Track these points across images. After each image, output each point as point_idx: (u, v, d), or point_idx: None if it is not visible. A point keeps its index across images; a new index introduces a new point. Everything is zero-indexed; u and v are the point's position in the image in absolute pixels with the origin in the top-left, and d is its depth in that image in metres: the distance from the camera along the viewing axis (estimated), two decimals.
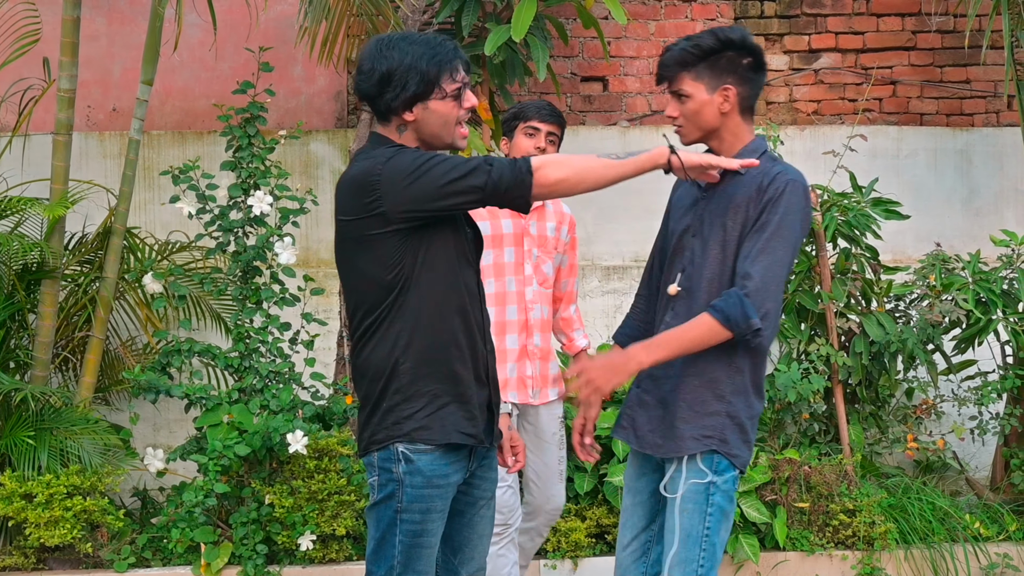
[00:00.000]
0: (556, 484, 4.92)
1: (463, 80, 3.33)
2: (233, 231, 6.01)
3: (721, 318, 3.32)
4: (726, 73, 3.49)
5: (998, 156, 7.52)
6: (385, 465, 3.30)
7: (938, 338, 6.32)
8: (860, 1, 7.63)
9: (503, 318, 4.72)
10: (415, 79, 3.25)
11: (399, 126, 3.34)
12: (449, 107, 3.31)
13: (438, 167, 3.21)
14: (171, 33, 6.09)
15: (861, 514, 5.94)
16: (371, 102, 3.34)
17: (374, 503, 3.34)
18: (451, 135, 3.37)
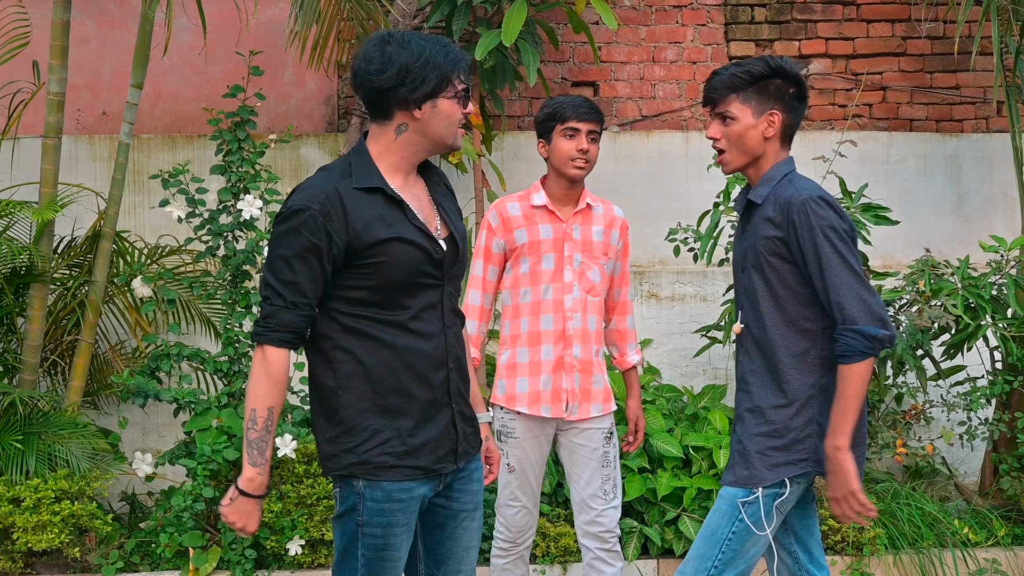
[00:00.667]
0: (601, 504, 4.60)
1: (468, 82, 3.30)
2: (223, 235, 6.00)
3: (857, 358, 3.42)
4: (774, 100, 3.59)
5: (987, 162, 7.53)
6: (346, 480, 3.27)
7: (927, 344, 6.33)
8: (850, 7, 7.64)
9: (537, 328, 4.57)
10: (433, 74, 3.18)
11: (400, 124, 3.24)
12: (455, 107, 3.26)
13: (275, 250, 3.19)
14: (161, 37, 6.08)
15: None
16: (382, 96, 3.21)
17: (338, 514, 3.31)
18: (453, 135, 3.30)
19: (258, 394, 3.17)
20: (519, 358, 4.60)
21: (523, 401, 4.58)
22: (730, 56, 7.58)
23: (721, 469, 5.97)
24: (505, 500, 4.66)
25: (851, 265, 3.43)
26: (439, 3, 6.52)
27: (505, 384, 4.62)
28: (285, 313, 3.14)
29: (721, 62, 7.54)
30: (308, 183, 3.23)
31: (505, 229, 4.64)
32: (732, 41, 7.57)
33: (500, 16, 6.49)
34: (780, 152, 3.64)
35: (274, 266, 3.15)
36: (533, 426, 4.60)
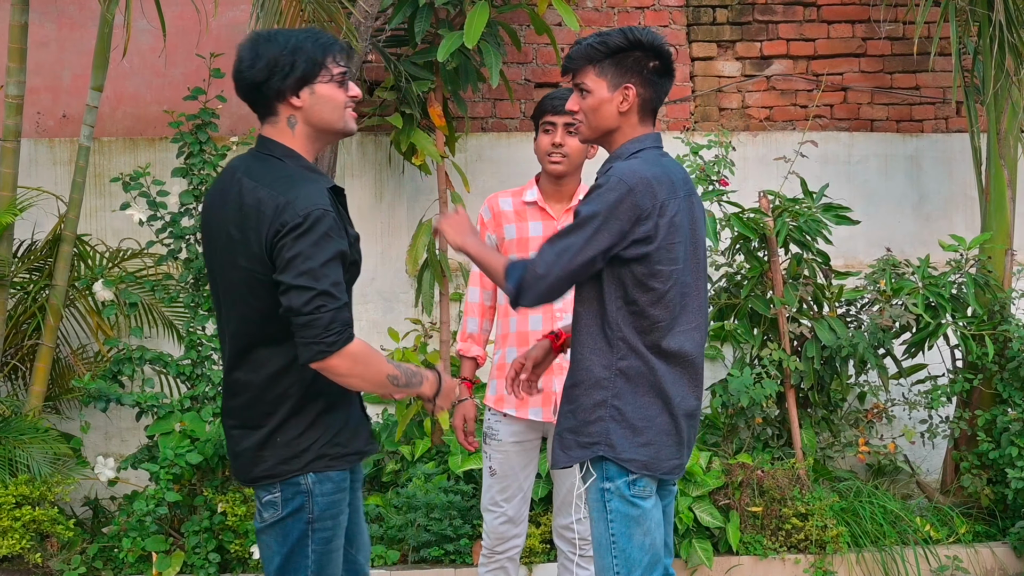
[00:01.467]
0: (582, 509, 4.38)
1: (347, 65, 3.35)
2: (185, 238, 5.98)
3: (507, 270, 3.40)
4: (631, 73, 3.45)
5: (947, 162, 7.59)
6: (289, 480, 3.28)
7: (889, 342, 6.37)
8: (811, 8, 7.68)
9: (525, 328, 4.48)
10: (302, 59, 3.24)
11: (288, 117, 3.28)
12: (336, 90, 3.30)
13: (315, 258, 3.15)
14: (121, 39, 6.05)
15: (813, 518, 5.98)
16: (257, 91, 3.27)
17: (278, 519, 3.29)
18: (342, 119, 3.34)
19: (377, 372, 3.25)
20: (508, 359, 4.50)
21: (511, 402, 4.49)
22: (692, 57, 7.61)
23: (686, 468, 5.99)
24: (486, 504, 4.59)
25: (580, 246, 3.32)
26: (401, 5, 6.52)
27: (495, 385, 4.54)
28: (342, 313, 3.16)
29: (684, 64, 7.57)
30: (301, 188, 3.20)
31: (496, 224, 4.58)
32: (694, 42, 7.60)
33: (462, 18, 6.49)
34: (639, 127, 3.49)
35: (319, 273, 3.12)
36: (519, 431, 4.52)
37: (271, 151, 3.31)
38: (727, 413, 6.39)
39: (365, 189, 7.14)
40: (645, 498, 3.44)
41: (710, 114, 7.60)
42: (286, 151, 3.30)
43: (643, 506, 3.43)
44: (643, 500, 3.43)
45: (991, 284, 6.44)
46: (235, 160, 3.40)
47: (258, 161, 3.31)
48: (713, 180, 6.28)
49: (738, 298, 6.48)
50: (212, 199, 3.39)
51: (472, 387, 4.63)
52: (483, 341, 4.64)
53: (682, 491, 5.95)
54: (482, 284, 4.61)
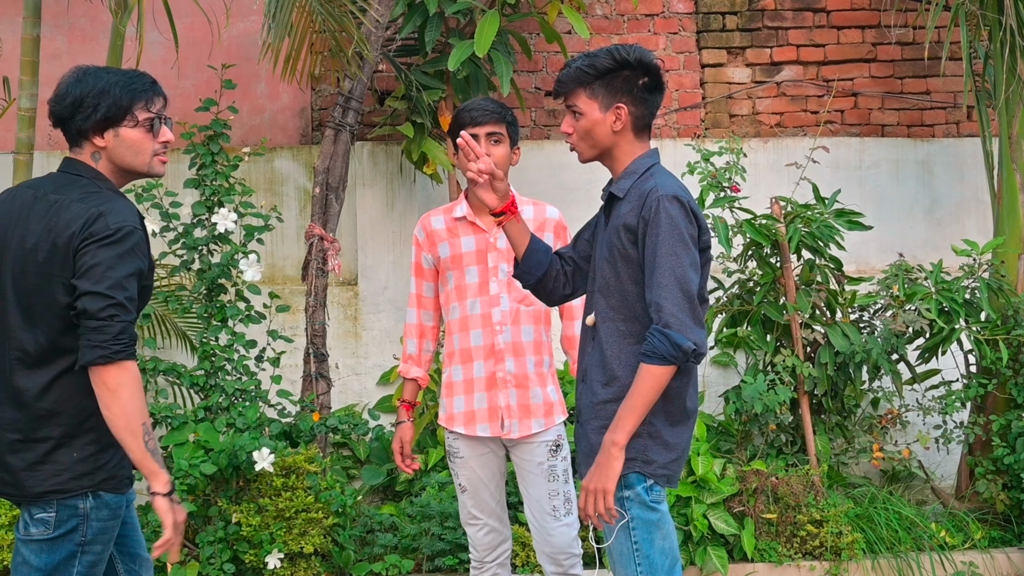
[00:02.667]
0: (550, 522, 4.39)
1: (158, 111, 3.39)
2: (197, 249, 5.99)
3: (658, 361, 3.32)
4: (621, 92, 3.49)
5: (959, 166, 7.58)
6: (68, 502, 3.25)
7: (902, 348, 6.36)
8: (820, 14, 7.68)
9: (467, 344, 4.39)
10: (106, 103, 3.31)
11: (93, 152, 3.36)
12: (141, 135, 3.36)
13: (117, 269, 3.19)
14: (132, 51, 6.06)
15: (828, 524, 5.96)
16: (63, 125, 3.38)
17: (49, 538, 3.25)
18: (145, 164, 3.39)
19: (141, 406, 3.20)
20: (454, 376, 4.44)
21: (460, 421, 4.41)
22: (702, 64, 7.61)
23: (699, 476, 5.99)
24: (465, 519, 4.52)
25: (682, 272, 3.33)
26: (411, 14, 6.53)
27: (444, 404, 4.47)
28: (131, 328, 3.20)
29: (694, 70, 7.58)
30: (114, 203, 3.27)
31: (430, 243, 4.47)
32: (704, 49, 7.61)
33: (473, 27, 6.50)
34: (636, 144, 3.54)
35: (118, 283, 3.18)
36: (476, 444, 4.43)
37: (79, 171, 3.38)
38: (741, 420, 6.38)
39: (376, 198, 7.15)
40: (662, 502, 3.48)
41: (721, 120, 7.60)
42: (95, 173, 3.37)
43: (661, 510, 3.47)
44: (660, 504, 3.47)
45: (1004, 288, 6.42)
46: (32, 180, 3.52)
47: (65, 179, 3.37)
48: (725, 186, 6.28)
49: (751, 304, 6.47)
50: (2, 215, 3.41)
51: (411, 409, 4.56)
52: (424, 361, 4.56)
53: (696, 498, 5.94)
54: (419, 305, 4.55)
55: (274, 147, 7.15)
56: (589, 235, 3.75)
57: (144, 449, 3.18)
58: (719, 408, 6.76)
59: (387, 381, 6.88)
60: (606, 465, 3.37)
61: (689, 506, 5.93)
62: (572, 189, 6.92)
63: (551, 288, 3.80)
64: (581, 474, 3.61)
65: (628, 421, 3.36)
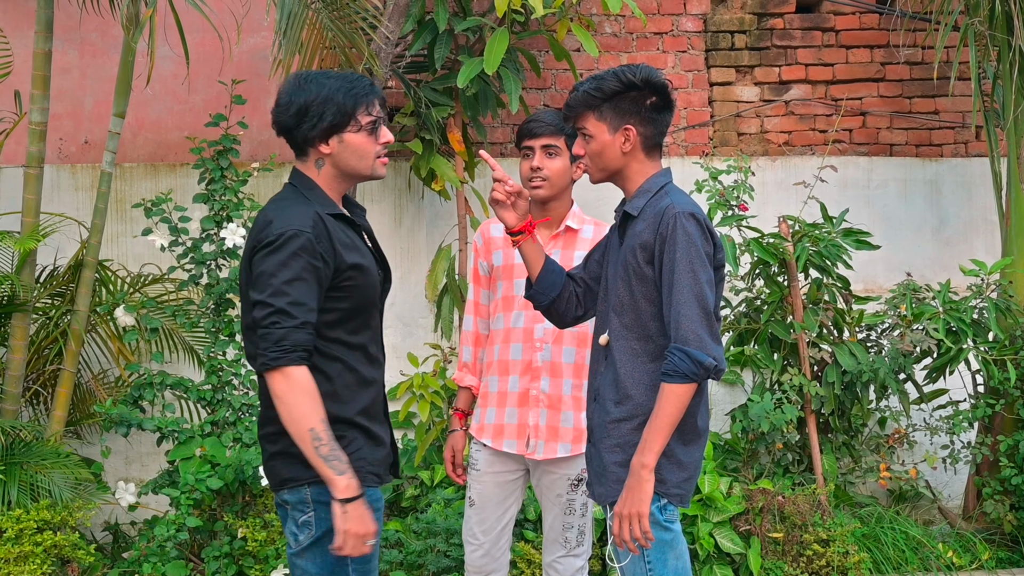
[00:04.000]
0: (557, 548, 4.40)
1: (378, 115, 3.40)
2: (206, 263, 6.00)
3: (680, 379, 3.33)
4: (629, 114, 3.51)
5: (967, 186, 7.58)
6: (321, 499, 3.26)
7: (909, 367, 6.36)
8: (829, 33, 7.69)
9: (506, 356, 4.37)
10: (331, 110, 3.32)
11: (317, 160, 3.39)
12: (364, 140, 3.38)
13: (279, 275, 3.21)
14: (143, 66, 6.09)
15: (835, 544, 5.95)
16: (288, 135, 3.40)
17: (313, 541, 3.28)
18: (369, 167, 3.42)
19: (307, 412, 3.17)
20: (490, 387, 4.43)
21: (488, 433, 4.39)
22: (711, 82, 7.62)
23: (706, 494, 5.98)
24: (465, 535, 4.50)
25: (699, 289, 3.35)
26: (421, 31, 6.55)
27: (478, 413, 4.46)
28: (296, 333, 3.18)
29: (702, 88, 7.59)
30: (287, 210, 3.30)
31: (486, 251, 4.50)
32: (713, 67, 7.62)
33: (482, 44, 6.52)
34: (647, 163, 3.56)
35: (278, 289, 3.19)
36: (496, 462, 4.40)
37: (294, 181, 3.43)
38: (747, 438, 6.38)
39: (385, 214, 7.16)
40: (675, 521, 3.49)
41: (729, 139, 7.61)
42: (304, 181, 3.41)
43: (675, 530, 3.48)
44: (674, 524, 3.48)
45: (1012, 309, 6.42)
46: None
47: (283, 190, 3.45)
48: (732, 205, 6.28)
49: (758, 323, 6.47)
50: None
51: (464, 417, 4.54)
52: (478, 370, 4.53)
53: (703, 516, 5.93)
54: (476, 312, 4.54)
55: (283, 162, 7.16)
56: (599, 256, 3.76)
57: (315, 454, 3.16)
58: (726, 426, 6.76)
59: (394, 397, 6.87)
60: (638, 489, 3.37)
61: (695, 524, 5.92)
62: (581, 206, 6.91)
63: (563, 310, 3.80)
64: (592, 494, 3.61)
65: (655, 442, 3.36)
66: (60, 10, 6.18)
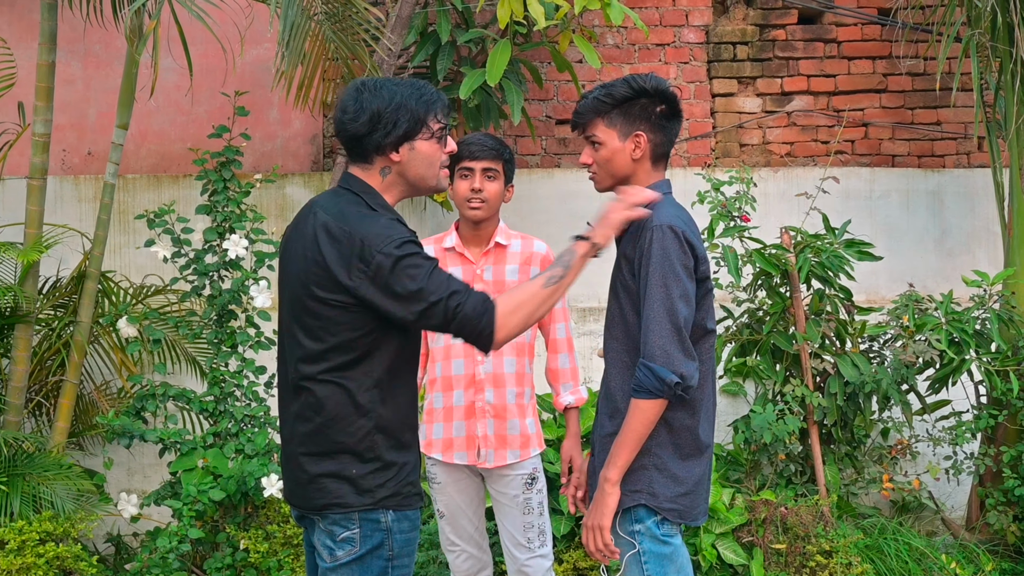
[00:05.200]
0: (522, 551, 4.50)
1: (446, 121, 3.37)
2: (208, 275, 6.00)
3: (644, 395, 3.32)
4: (639, 120, 3.51)
5: (969, 197, 7.58)
6: (369, 518, 3.24)
7: (912, 378, 6.35)
8: (831, 44, 7.71)
9: (449, 372, 4.46)
10: (405, 117, 3.26)
11: (383, 168, 3.31)
12: (434, 148, 3.33)
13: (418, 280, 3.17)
14: (147, 78, 6.10)
15: (838, 555, 5.93)
16: (358, 143, 3.30)
17: (357, 556, 3.25)
18: (435, 177, 3.37)
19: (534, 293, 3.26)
20: (435, 403, 4.51)
21: (438, 447, 4.49)
22: (713, 94, 7.63)
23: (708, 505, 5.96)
24: (445, 545, 4.60)
25: (671, 304, 3.32)
26: (423, 43, 6.57)
27: (424, 430, 4.50)
28: (471, 296, 3.19)
29: (705, 100, 7.60)
30: (381, 220, 3.23)
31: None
32: (715, 79, 7.63)
33: (484, 56, 6.53)
34: (652, 173, 3.55)
35: (441, 280, 3.18)
36: (454, 470, 4.51)
37: (351, 187, 3.33)
38: (750, 449, 6.37)
39: None
40: (675, 535, 3.48)
41: (731, 150, 7.61)
42: (367, 189, 3.32)
43: (674, 543, 3.47)
44: (672, 538, 3.47)
45: (1015, 319, 6.41)
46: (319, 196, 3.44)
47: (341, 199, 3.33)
48: (734, 216, 6.28)
49: (760, 334, 6.47)
50: (290, 234, 3.43)
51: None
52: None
53: (705, 528, 5.92)
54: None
55: (286, 174, 7.18)
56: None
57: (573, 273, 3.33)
58: (728, 437, 6.75)
59: None
60: (600, 502, 3.40)
61: (698, 536, 5.91)
62: (582, 217, 6.90)
63: None
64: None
65: (619, 457, 3.36)
66: (64, 22, 6.20)
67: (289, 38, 5.60)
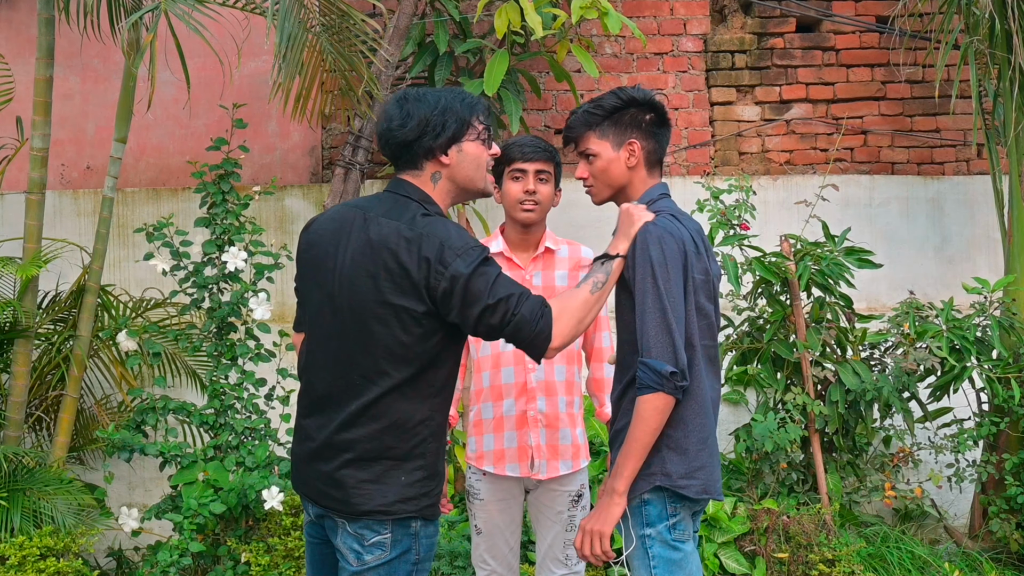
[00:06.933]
0: (559, 567, 4.42)
1: (488, 123, 3.42)
2: (208, 287, 6.00)
3: (646, 391, 3.33)
4: (630, 129, 3.56)
5: (969, 204, 7.58)
6: (402, 522, 3.29)
7: (913, 386, 6.34)
8: (830, 52, 7.71)
9: (498, 382, 4.36)
10: (452, 119, 3.33)
11: (433, 173, 3.36)
12: (480, 148, 3.39)
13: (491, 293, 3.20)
14: (145, 91, 6.11)
15: (840, 564, 5.92)
16: (407, 149, 3.34)
17: (385, 561, 3.29)
18: (483, 179, 3.42)
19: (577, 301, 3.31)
20: (484, 414, 4.42)
21: (489, 460, 4.39)
22: (712, 102, 7.63)
23: (711, 514, 5.96)
24: (475, 561, 4.51)
25: (661, 303, 3.34)
26: (421, 54, 6.57)
27: (473, 442, 4.45)
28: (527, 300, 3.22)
29: (703, 108, 7.60)
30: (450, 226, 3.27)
31: None
32: (713, 87, 7.63)
33: (482, 66, 6.54)
34: (648, 180, 3.59)
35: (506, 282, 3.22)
36: (498, 488, 4.42)
37: (408, 193, 3.35)
38: (751, 458, 6.36)
39: None
40: (685, 541, 3.48)
41: (730, 158, 7.61)
42: (424, 196, 3.35)
43: (684, 549, 3.46)
44: (683, 543, 3.46)
45: (1016, 326, 6.40)
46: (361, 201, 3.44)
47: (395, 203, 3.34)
48: (734, 224, 6.28)
49: (761, 342, 6.46)
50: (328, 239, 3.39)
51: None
52: (456, 401, 4.51)
53: (707, 537, 5.91)
54: None
55: (284, 186, 7.18)
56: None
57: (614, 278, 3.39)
58: (730, 446, 6.74)
59: None
60: (606, 510, 3.39)
61: (700, 545, 5.90)
62: (581, 226, 6.94)
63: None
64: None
65: (626, 467, 3.37)
66: (61, 36, 6.20)
67: (286, 50, 5.60)
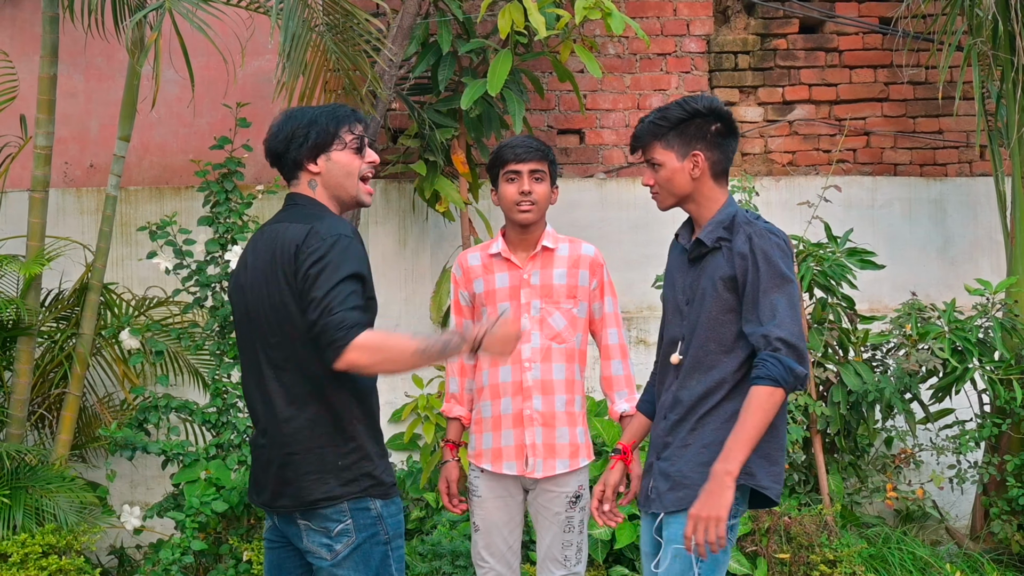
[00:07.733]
0: (558, 567, 4.41)
1: (361, 133, 3.58)
2: (211, 286, 6.00)
3: (772, 384, 3.39)
4: (695, 140, 3.62)
5: (972, 205, 7.58)
6: (358, 506, 3.39)
7: (915, 387, 6.34)
8: (832, 54, 7.71)
9: (496, 380, 4.38)
10: (315, 131, 3.54)
11: (309, 180, 3.57)
12: (350, 158, 3.57)
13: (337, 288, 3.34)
14: (148, 90, 6.10)
15: (842, 564, 5.93)
16: (279, 160, 3.60)
17: (355, 546, 3.39)
18: (354, 187, 3.58)
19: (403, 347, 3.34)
20: (483, 413, 4.44)
21: (487, 457, 4.41)
22: None
23: None
24: (475, 559, 4.51)
25: (791, 301, 3.44)
26: (425, 53, 6.57)
27: (473, 440, 4.48)
28: (350, 314, 3.31)
29: None
30: (331, 219, 3.47)
31: (466, 280, 4.51)
32: (716, 88, 7.63)
33: (485, 66, 6.54)
34: (716, 189, 3.65)
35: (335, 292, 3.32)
36: (497, 486, 4.42)
37: (297, 201, 3.59)
38: None
39: (389, 236, 7.17)
40: (734, 541, 3.58)
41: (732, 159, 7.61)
42: (309, 200, 3.57)
43: (729, 552, 3.56)
44: (731, 546, 3.54)
45: (1018, 328, 6.40)
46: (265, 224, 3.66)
47: (286, 210, 3.59)
48: None
49: None
50: (245, 258, 3.63)
51: (456, 448, 4.56)
52: (466, 400, 4.56)
53: None
54: None
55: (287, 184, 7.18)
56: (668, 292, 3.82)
57: (440, 358, 3.39)
58: None
59: (398, 419, 6.87)
60: (719, 494, 3.40)
61: None
62: (584, 227, 6.94)
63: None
64: (646, 508, 3.69)
65: (740, 451, 3.40)
66: (65, 35, 6.21)
67: (290, 49, 5.60)
